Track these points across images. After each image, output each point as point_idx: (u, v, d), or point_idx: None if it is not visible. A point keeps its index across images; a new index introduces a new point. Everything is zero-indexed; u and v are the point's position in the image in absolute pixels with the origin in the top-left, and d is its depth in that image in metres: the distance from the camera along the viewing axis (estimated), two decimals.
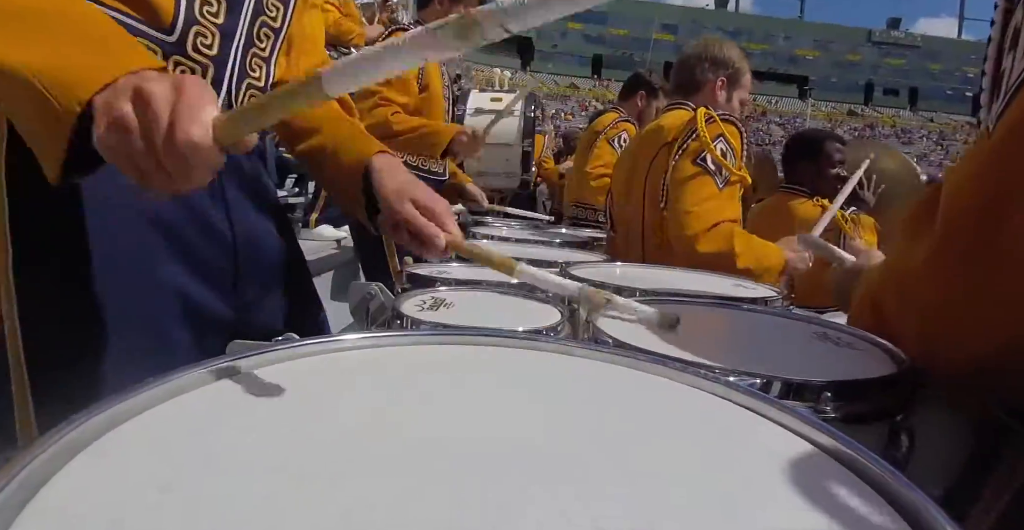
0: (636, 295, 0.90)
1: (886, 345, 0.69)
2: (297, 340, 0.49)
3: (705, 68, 1.76)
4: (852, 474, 0.35)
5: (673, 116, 1.76)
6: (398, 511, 0.28)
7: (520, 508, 0.29)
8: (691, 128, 1.60)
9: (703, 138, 1.55)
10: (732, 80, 1.77)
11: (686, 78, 1.80)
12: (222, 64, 0.73)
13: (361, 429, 0.37)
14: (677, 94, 1.83)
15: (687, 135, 1.61)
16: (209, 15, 0.71)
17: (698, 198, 1.56)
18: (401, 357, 0.51)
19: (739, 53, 1.80)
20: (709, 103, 1.73)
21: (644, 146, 1.80)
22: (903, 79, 67.55)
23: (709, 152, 1.54)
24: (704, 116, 1.59)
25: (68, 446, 0.30)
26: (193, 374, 0.40)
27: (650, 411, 0.42)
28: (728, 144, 1.57)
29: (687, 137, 1.61)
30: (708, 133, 1.56)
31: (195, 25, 0.69)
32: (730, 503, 0.31)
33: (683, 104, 1.78)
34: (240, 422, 0.36)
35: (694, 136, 1.58)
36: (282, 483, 0.29)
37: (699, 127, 1.57)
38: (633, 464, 0.35)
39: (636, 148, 1.86)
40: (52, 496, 0.27)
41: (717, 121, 1.58)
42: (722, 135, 1.57)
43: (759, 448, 0.38)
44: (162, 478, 0.29)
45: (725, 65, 1.76)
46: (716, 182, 1.56)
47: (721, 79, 1.76)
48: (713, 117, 1.58)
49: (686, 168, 1.59)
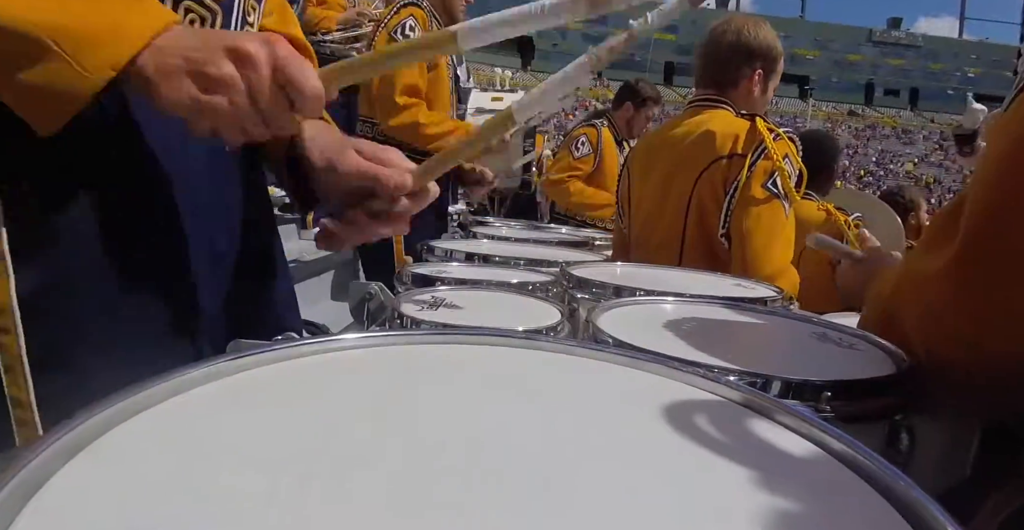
0: (636, 295, 0.90)
1: (886, 345, 0.69)
2: (297, 339, 0.49)
3: (741, 61, 1.58)
4: (853, 473, 0.35)
5: (721, 121, 1.56)
6: (398, 511, 0.28)
7: (521, 508, 0.29)
8: (758, 145, 1.45)
9: (777, 163, 1.42)
10: (768, 71, 1.60)
11: (719, 73, 1.61)
12: (228, 10, 0.70)
13: (361, 429, 0.37)
14: (708, 87, 1.63)
15: (756, 152, 1.46)
16: None
17: (772, 231, 1.44)
18: (401, 357, 0.51)
19: (773, 35, 1.61)
20: (745, 98, 1.59)
21: (688, 154, 1.57)
22: (904, 79, 67.50)
23: (781, 178, 1.43)
24: (768, 131, 1.45)
25: (68, 446, 0.30)
26: (193, 373, 0.40)
27: (650, 411, 0.42)
28: (792, 165, 1.46)
29: (756, 155, 1.46)
30: (777, 153, 1.43)
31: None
32: (730, 503, 0.31)
33: (719, 103, 1.60)
34: (240, 421, 0.36)
35: (763, 153, 1.44)
36: (281, 483, 0.29)
37: (769, 147, 1.43)
38: (633, 464, 0.35)
39: (673, 155, 1.62)
40: (52, 496, 0.27)
41: (784, 138, 1.45)
42: (788, 155, 1.45)
43: (759, 448, 0.38)
44: (162, 478, 0.29)
45: (762, 55, 1.58)
46: (784, 208, 1.45)
47: (758, 72, 1.58)
48: (779, 134, 1.46)
49: (757, 191, 1.44)
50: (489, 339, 0.55)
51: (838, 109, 59.76)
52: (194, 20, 0.66)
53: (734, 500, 0.31)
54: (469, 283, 0.99)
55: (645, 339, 0.64)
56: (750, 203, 1.45)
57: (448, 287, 0.96)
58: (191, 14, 0.65)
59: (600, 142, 3.03)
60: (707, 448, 0.37)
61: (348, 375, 0.46)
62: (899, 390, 0.58)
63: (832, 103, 61.69)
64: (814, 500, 0.32)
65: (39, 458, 0.28)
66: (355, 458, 0.33)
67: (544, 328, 0.73)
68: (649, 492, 0.32)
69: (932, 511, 0.29)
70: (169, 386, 0.38)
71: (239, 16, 0.72)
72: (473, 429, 0.38)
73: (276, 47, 0.51)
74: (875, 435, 0.55)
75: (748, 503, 0.31)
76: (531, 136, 3.03)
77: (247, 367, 0.44)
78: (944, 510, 0.28)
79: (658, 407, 0.43)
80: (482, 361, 0.52)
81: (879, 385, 0.57)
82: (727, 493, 0.32)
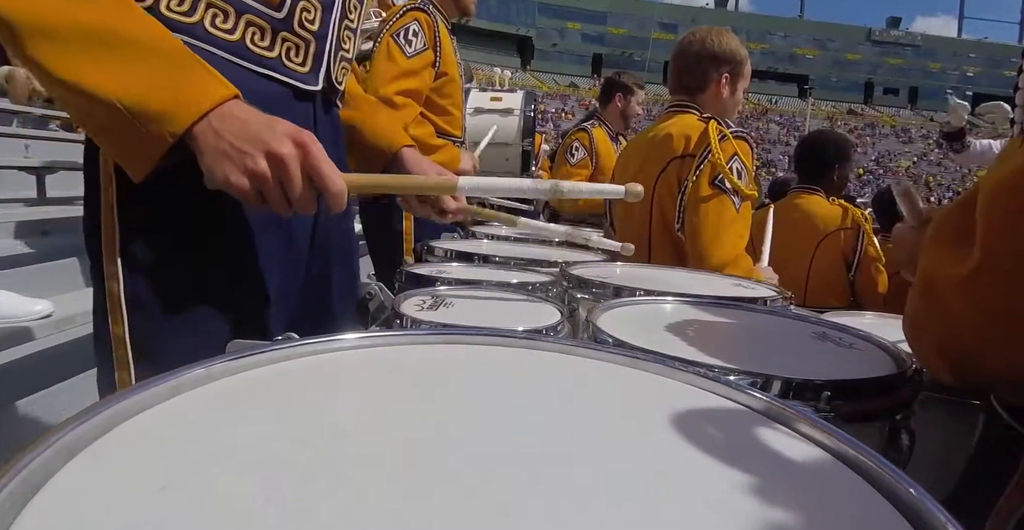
0: (636, 295, 0.90)
1: (886, 345, 0.69)
2: (296, 340, 0.49)
3: (707, 67, 1.70)
4: (853, 472, 0.35)
5: (680, 123, 1.68)
6: (398, 511, 0.28)
7: (520, 508, 0.29)
8: (706, 146, 1.55)
9: (718, 161, 1.52)
10: (735, 74, 1.71)
11: (687, 78, 1.74)
12: (322, 38, 0.80)
13: (360, 429, 0.37)
14: (680, 93, 1.77)
15: (703, 153, 1.56)
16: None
17: (719, 224, 1.53)
18: (400, 357, 0.51)
19: (737, 41, 1.73)
20: (714, 100, 1.69)
21: (651, 155, 1.71)
22: (903, 78, 67.52)
23: (725, 177, 1.51)
24: (716, 133, 1.54)
25: (68, 446, 0.30)
26: (193, 373, 0.40)
27: (650, 411, 0.42)
28: (742, 163, 1.54)
29: (703, 155, 1.56)
30: (723, 153, 1.52)
31: (301, 1, 0.76)
32: (730, 502, 0.31)
33: (687, 107, 1.72)
34: (239, 421, 0.36)
35: (710, 155, 1.54)
36: (281, 483, 0.29)
37: (713, 147, 1.52)
38: (633, 464, 0.35)
39: (641, 156, 1.77)
40: (52, 496, 0.27)
41: (730, 139, 1.54)
42: (736, 154, 1.53)
43: (759, 447, 0.38)
44: (162, 478, 0.29)
45: (727, 60, 1.70)
46: (734, 203, 1.53)
47: (725, 76, 1.70)
48: (726, 135, 1.54)
49: (704, 189, 1.55)
50: (489, 339, 0.55)
51: (837, 108, 59.79)
52: (290, 48, 0.77)
53: (734, 499, 0.31)
54: (469, 283, 0.99)
55: (645, 339, 0.64)
56: (699, 200, 1.56)
57: (448, 287, 0.96)
58: (287, 43, 0.77)
59: (593, 143, 3.06)
60: (707, 447, 0.37)
61: (348, 375, 0.46)
62: (899, 390, 0.58)
63: (831, 102, 61.74)
64: (814, 500, 0.32)
65: (39, 458, 0.28)
66: (355, 458, 0.33)
67: (544, 328, 0.73)
68: (649, 491, 0.32)
69: (932, 511, 0.29)
70: (169, 386, 0.38)
71: (335, 43, 0.83)
72: (473, 429, 0.38)
73: (309, 152, 0.62)
74: (875, 434, 0.55)
75: (748, 502, 0.31)
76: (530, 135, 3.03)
77: (246, 367, 0.44)
78: (944, 510, 0.28)
79: (658, 407, 0.43)
80: (482, 361, 0.52)
81: (879, 385, 0.57)
82: (727, 492, 0.32)
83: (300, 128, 0.64)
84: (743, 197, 1.55)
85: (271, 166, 0.61)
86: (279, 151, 0.61)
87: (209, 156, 0.60)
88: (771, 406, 0.42)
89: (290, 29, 0.76)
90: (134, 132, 0.58)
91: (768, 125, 49.60)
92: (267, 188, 0.62)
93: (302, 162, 0.62)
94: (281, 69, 0.77)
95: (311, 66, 0.80)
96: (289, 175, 0.61)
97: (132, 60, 0.59)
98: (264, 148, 0.61)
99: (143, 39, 0.60)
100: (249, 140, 0.61)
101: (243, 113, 0.62)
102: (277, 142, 0.61)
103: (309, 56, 0.79)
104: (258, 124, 0.62)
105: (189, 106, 0.59)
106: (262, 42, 0.74)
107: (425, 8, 1.92)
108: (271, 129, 0.62)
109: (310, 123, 0.83)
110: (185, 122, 0.59)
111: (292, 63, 0.78)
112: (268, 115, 0.64)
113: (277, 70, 0.76)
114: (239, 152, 0.60)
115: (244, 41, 0.73)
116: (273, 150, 0.61)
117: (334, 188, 0.64)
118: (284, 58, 0.77)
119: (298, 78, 0.79)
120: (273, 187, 0.62)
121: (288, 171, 0.61)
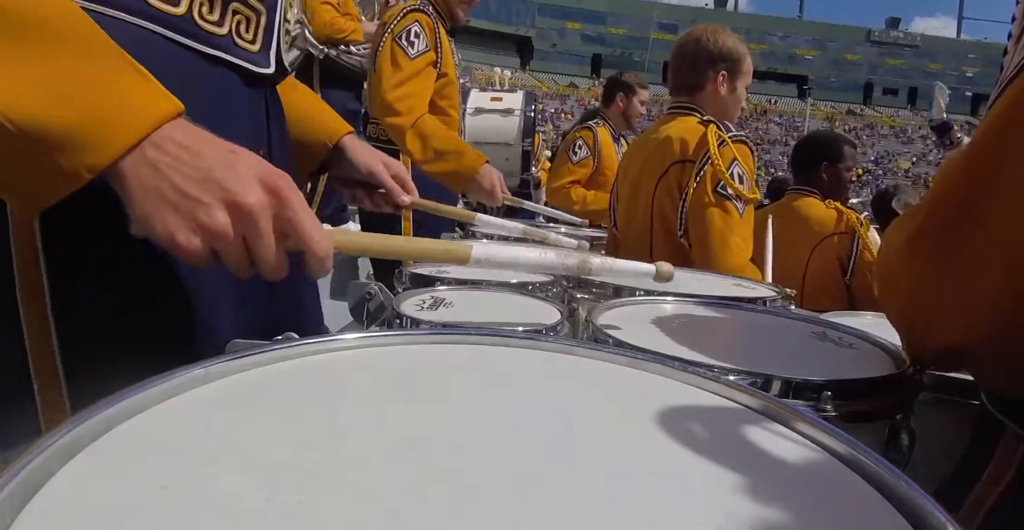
0: (636, 295, 0.90)
1: (886, 345, 0.69)
2: (296, 340, 0.49)
3: (703, 66, 1.69)
4: (853, 473, 0.35)
5: (679, 126, 1.67)
6: (398, 511, 0.28)
7: (520, 508, 0.29)
8: (705, 152, 1.54)
9: (719, 168, 1.50)
10: (732, 72, 1.69)
11: (685, 79, 1.73)
12: (272, 8, 0.69)
13: (360, 429, 0.37)
14: (679, 94, 1.76)
15: (702, 160, 1.55)
16: None
17: (724, 230, 1.52)
18: (400, 357, 0.51)
19: (735, 39, 1.71)
20: (713, 99, 1.68)
21: (650, 158, 1.70)
22: (902, 78, 67.58)
23: (727, 183, 1.51)
24: (715, 139, 1.53)
25: (68, 446, 0.30)
26: (192, 373, 0.40)
27: (650, 411, 0.42)
28: (743, 168, 1.54)
29: (702, 162, 1.55)
30: (722, 159, 1.51)
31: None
32: (730, 502, 0.31)
33: (687, 109, 1.71)
34: (239, 422, 0.36)
35: (709, 162, 1.53)
36: (281, 483, 0.29)
37: (713, 154, 1.51)
38: (633, 464, 0.35)
39: (641, 158, 1.75)
40: (52, 496, 0.27)
41: (729, 144, 1.53)
42: (735, 159, 1.53)
43: (759, 447, 0.38)
44: (162, 478, 0.29)
45: (723, 58, 1.68)
46: (738, 208, 1.53)
47: (722, 74, 1.68)
48: (725, 140, 1.53)
49: (707, 196, 1.54)
50: (489, 339, 0.55)
51: (837, 108, 59.84)
52: (240, 20, 0.65)
53: (734, 499, 0.31)
54: (469, 283, 0.99)
55: (645, 339, 0.64)
56: (703, 207, 1.56)
57: (448, 287, 0.96)
58: (238, 14, 0.64)
59: (597, 142, 3.05)
60: (707, 447, 0.37)
61: (347, 375, 0.46)
62: (899, 390, 0.58)
63: (831, 102, 61.79)
64: (814, 500, 0.32)
65: (39, 458, 0.28)
66: (354, 458, 0.33)
67: (544, 328, 0.72)
68: (649, 491, 0.32)
69: (932, 511, 0.29)
70: (168, 387, 0.38)
71: (281, 13, 0.71)
72: (473, 429, 0.38)
73: (285, 202, 0.46)
74: (875, 435, 0.56)
75: (748, 502, 0.31)
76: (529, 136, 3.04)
77: (246, 367, 0.44)
78: (944, 510, 0.28)
79: (658, 407, 0.43)
80: (482, 361, 0.51)
81: (879, 385, 0.57)
82: (727, 492, 0.32)
83: (271, 167, 0.48)
84: (746, 201, 1.54)
85: (234, 221, 0.45)
86: (245, 201, 0.45)
87: (144, 202, 0.43)
88: (771, 406, 0.42)
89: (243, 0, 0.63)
90: (28, 164, 0.40)
91: (767, 125, 49.63)
92: (225, 249, 0.46)
93: (276, 215, 0.47)
94: (232, 49, 0.63)
95: (261, 43, 0.67)
96: (258, 232, 0.46)
97: (26, 55, 0.39)
98: (223, 196, 0.44)
99: (45, 22, 0.40)
100: (202, 182, 0.44)
101: (191, 140, 0.45)
102: (241, 187, 0.45)
103: (260, 30, 0.66)
104: (214, 158, 0.45)
105: (115, 129, 0.41)
106: (211, 15, 0.60)
107: (425, 10, 1.92)
108: (231, 167, 0.45)
109: (262, 113, 0.71)
110: (110, 152, 0.41)
111: (243, 41, 0.64)
112: (225, 143, 0.47)
113: (228, 51, 0.63)
114: (187, 199, 0.43)
115: (192, 13, 0.58)
116: (237, 199, 0.44)
117: (320, 251, 0.48)
118: (235, 34, 0.63)
119: (249, 59, 0.66)
120: (234, 248, 0.46)
121: (257, 228, 0.46)
